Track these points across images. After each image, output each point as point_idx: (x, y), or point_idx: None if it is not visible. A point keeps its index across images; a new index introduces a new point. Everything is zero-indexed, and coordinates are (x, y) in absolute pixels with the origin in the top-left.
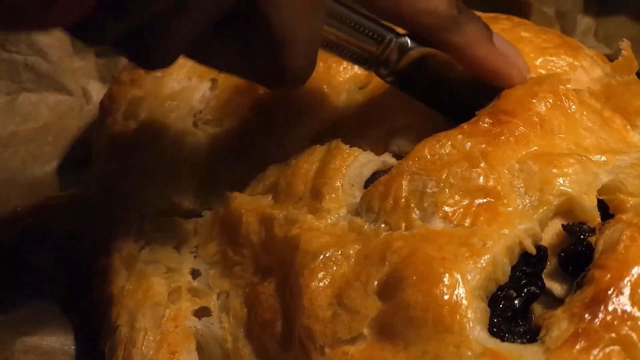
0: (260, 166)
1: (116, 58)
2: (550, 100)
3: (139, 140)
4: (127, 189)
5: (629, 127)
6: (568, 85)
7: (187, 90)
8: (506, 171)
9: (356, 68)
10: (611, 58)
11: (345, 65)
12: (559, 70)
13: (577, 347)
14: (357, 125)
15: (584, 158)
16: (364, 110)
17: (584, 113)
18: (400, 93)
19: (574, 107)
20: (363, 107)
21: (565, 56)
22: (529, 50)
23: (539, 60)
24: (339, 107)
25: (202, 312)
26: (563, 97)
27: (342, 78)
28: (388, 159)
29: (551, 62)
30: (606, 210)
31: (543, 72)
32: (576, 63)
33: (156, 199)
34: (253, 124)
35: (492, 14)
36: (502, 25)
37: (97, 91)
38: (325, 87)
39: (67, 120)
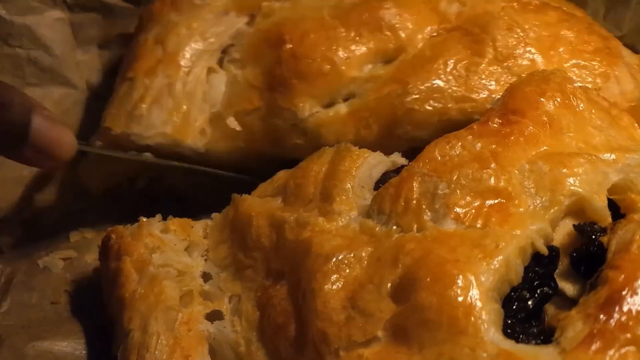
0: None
1: (119, 51)
2: (559, 99)
3: (159, 71)
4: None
5: (636, 124)
6: (575, 84)
7: (221, 25)
8: (517, 172)
9: (385, 39)
10: (622, 41)
11: (376, 35)
12: (589, 78)
13: (593, 347)
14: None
15: (593, 157)
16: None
17: (593, 111)
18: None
19: (582, 105)
20: (379, 87)
21: (600, 64)
22: (565, 50)
23: (571, 62)
24: (360, 78)
25: (214, 316)
26: (571, 96)
27: (370, 47)
28: (397, 158)
29: (583, 68)
30: (617, 210)
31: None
32: (609, 72)
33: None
34: (269, 78)
35: (541, 4)
36: (547, 18)
37: (102, 91)
38: (352, 56)
39: (73, 114)
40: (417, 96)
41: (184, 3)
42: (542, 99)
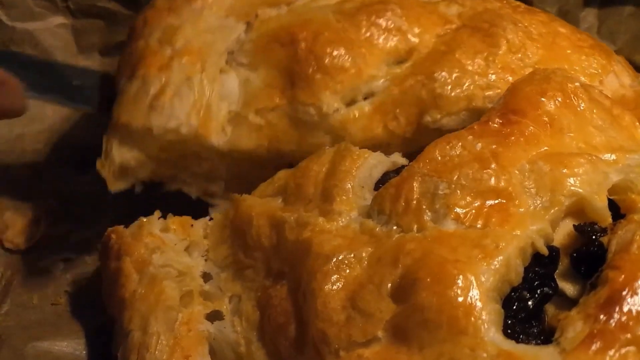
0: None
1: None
2: (560, 99)
3: (174, 66)
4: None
5: (637, 124)
6: (577, 83)
7: (225, 29)
8: (517, 172)
9: (395, 40)
10: (617, 54)
11: (386, 36)
12: (592, 70)
13: (593, 348)
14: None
15: (594, 157)
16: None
17: (594, 111)
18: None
19: (583, 105)
20: (401, 81)
21: (600, 58)
22: (566, 45)
23: (574, 56)
24: (378, 76)
25: (214, 316)
26: (572, 95)
27: (382, 48)
28: (397, 159)
29: (585, 61)
30: (617, 210)
31: (577, 68)
32: (609, 67)
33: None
34: (288, 76)
35: (529, 6)
36: (540, 18)
37: None
38: (367, 55)
39: (73, 121)
40: (443, 82)
41: (183, 9)
42: (542, 99)
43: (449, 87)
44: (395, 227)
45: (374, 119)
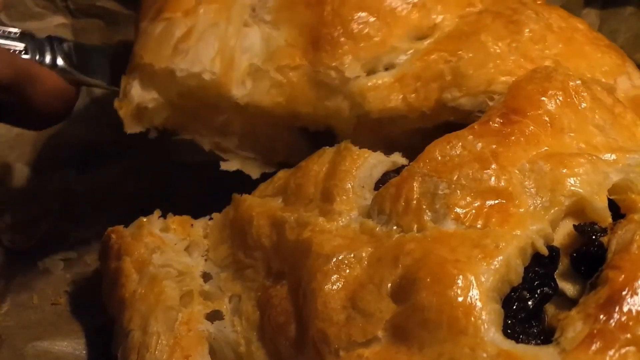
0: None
1: None
2: (561, 98)
3: (200, 12)
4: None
5: (639, 122)
6: (578, 81)
7: None
8: (517, 172)
9: (419, 16)
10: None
11: (410, 9)
12: (607, 69)
13: (593, 348)
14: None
15: (594, 157)
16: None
17: (596, 110)
18: None
19: (584, 104)
20: (423, 55)
21: (616, 58)
22: (584, 41)
23: (592, 52)
24: (401, 48)
25: (214, 316)
26: (574, 94)
27: (405, 21)
28: (398, 158)
29: (601, 60)
30: (617, 210)
31: (594, 65)
32: (623, 67)
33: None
34: (311, 37)
35: (546, 1)
36: (558, 12)
37: (101, 90)
38: (392, 25)
39: (73, 120)
40: (467, 62)
41: None
42: (543, 98)
43: (472, 67)
44: (395, 227)
45: (393, 90)
